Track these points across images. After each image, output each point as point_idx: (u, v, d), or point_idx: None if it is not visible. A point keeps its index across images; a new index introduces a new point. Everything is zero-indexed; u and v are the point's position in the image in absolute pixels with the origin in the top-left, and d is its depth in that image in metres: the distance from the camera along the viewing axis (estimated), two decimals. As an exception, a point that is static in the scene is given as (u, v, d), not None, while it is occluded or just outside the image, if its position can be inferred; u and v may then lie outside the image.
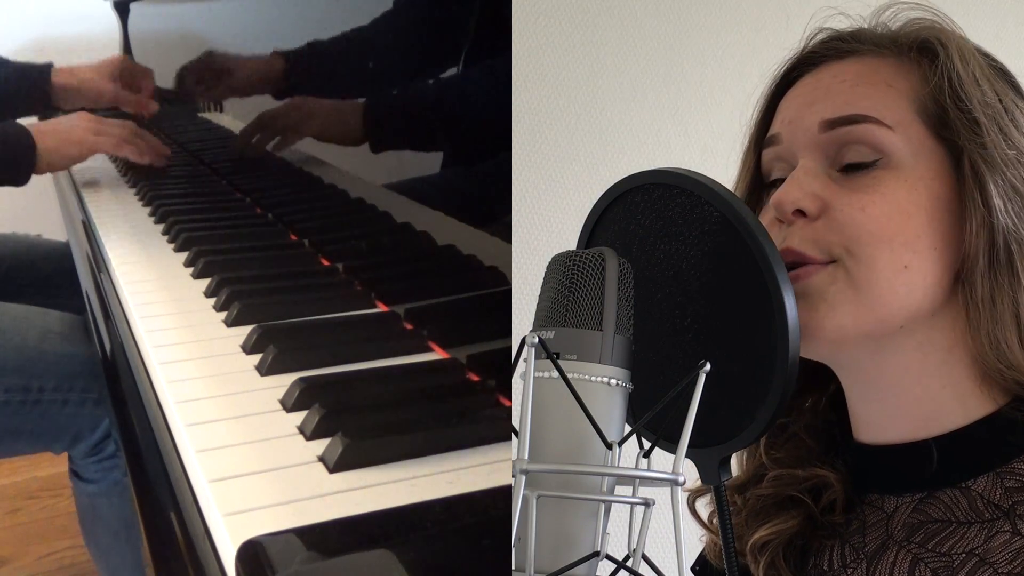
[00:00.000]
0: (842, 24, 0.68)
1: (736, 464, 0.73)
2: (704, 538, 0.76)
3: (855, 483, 0.67)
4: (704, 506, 0.73)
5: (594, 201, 0.57)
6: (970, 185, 0.59)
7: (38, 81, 1.56)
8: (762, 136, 0.68)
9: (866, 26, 0.68)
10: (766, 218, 0.64)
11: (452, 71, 0.75)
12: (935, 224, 0.60)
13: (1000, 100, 0.61)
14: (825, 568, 0.66)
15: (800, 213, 0.60)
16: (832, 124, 0.62)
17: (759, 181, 0.68)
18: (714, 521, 0.74)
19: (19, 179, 1.34)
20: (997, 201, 0.59)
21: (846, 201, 0.60)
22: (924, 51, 0.63)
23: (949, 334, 0.61)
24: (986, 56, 0.65)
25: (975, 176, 0.59)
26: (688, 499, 0.73)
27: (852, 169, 0.61)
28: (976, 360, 0.61)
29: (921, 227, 0.59)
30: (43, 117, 1.62)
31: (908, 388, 0.62)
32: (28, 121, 1.43)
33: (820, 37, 0.68)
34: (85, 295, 1.13)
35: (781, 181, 0.64)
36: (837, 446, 0.69)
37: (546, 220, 1.32)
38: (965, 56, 0.62)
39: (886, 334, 0.61)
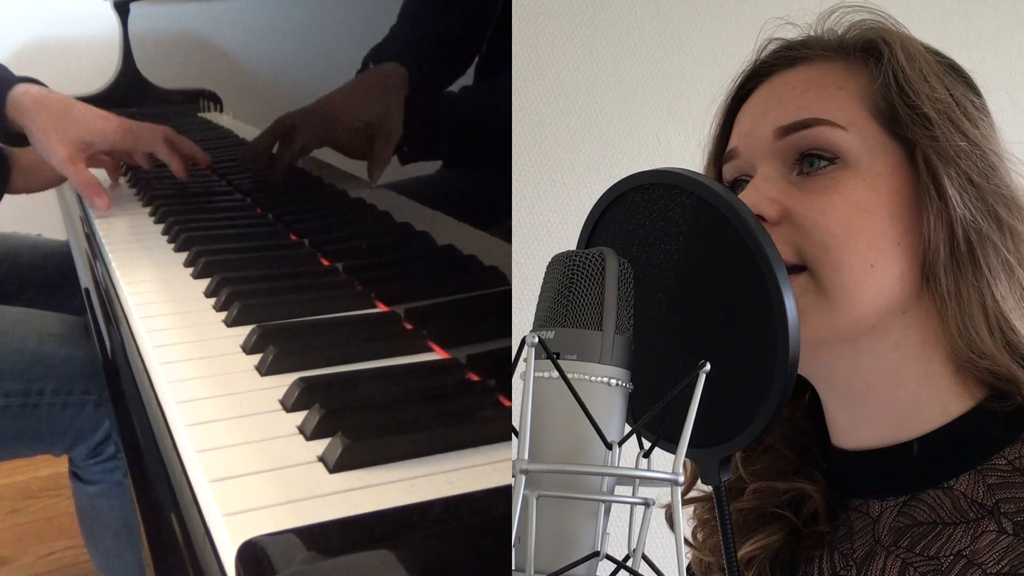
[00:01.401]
0: (791, 33, 0.69)
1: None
2: (690, 555, 0.76)
3: (838, 489, 0.67)
4: (686, 522, 0.73)
5: (594, 201, 0.57)
6: (924, 178, 0.60)
7: None
8: (721, 151, 0.69)
9: (813, 32, 0.68)
10: None
11: (462, 78, 0.75)
12: (896, 220, 0.60)
13: (951, 94, 0.62)
14: None
15: (760, 219, 0.61)
16: (786, 130, 0.62)
17: None
18: (698, 536, 0.74)
19: None
20: (952, 192, 0.59)
21: (806, 205, 0.60)
22: (870, 51, 0.64)
23: (922, 330, 0.61)
24: (935, 53, 0.66)
25: (929, 169, 0.60)
26: (666, 514, 0.73)
27: (809, 172, 0.61)
28: (949, 354, 0.61)
29: (883, 224, 0.60)
30: (16, 144, 1.35)
31: (886, 391, 0.62)
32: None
33: (771, 47, 0.69)
34: (85, 295, 1.13)
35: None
36: (813, 454, 0.69)
37: (546, 220, 1.32)
38: (911, 53, 0.63)
39: (860, 335, 0.61)
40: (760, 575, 0.67)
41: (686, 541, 0.73)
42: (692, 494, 0.73)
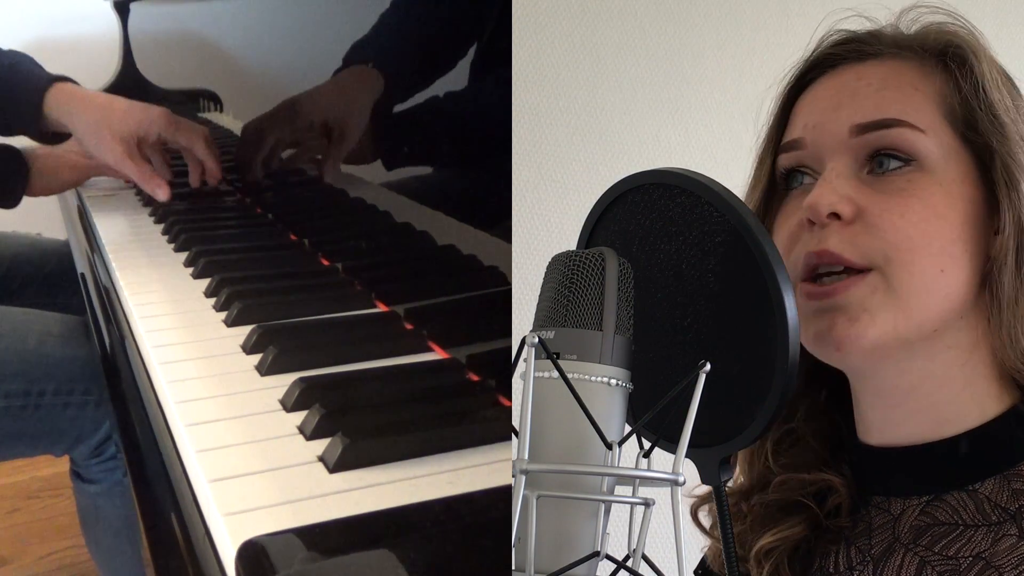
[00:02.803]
0: (856, 25, 0.68)
1: (741, 470, 0.73)
2: (705, 549, 0.76)
3: (860, 485, 0.67)
4: (706, 516, 0.73)
5: (594, 201, 0.57)
6: (1003, 186, 0.60)
7: (30, 96, 1.27)
8: (779, 140, 0.68)
9: (884, 28, 0.68)
10: (792, 221, 0.64)
11: (460, 77, 0.75)
12: (967, 226, 0.60)
13: (1016, 105, 0.62)
14: (831, 571, 0.66)
15: (835, 216, 0.60)
16: (864, 128, 0.62)
17: (774, 185, 0.68)
18: (716, 532, 0.74)
19: (9, 202, 1.31)
20: None
21: (884, 206, 0.60)
22: (952, 56, 0.63)
23: (973, 333, 0.62)
24: (997, 64, 0.66)
25: (1007, 177, 0.60)
26: (691, 507, 0.73)
27: (882, 172, 0.61)
28: (995, 358, 0.61)
29: (956, 230, 0.60)
30: (49, 141, 1.36)
31: (930, 392, 0.62)
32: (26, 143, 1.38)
33: (835, 38, 0.68)
34: (85, 295, 1.13)
35: (801, 185, 0.64)
36: (843, 447, 0.69)
37: (546, 220, 1.32)
38: (990, 64, 0.63)
39: (922, 339, 0.61)
40: (778, 567, 0.67)
41: (706, 534, 0.73)
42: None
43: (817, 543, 0.67)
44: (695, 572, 0.76)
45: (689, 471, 0.48)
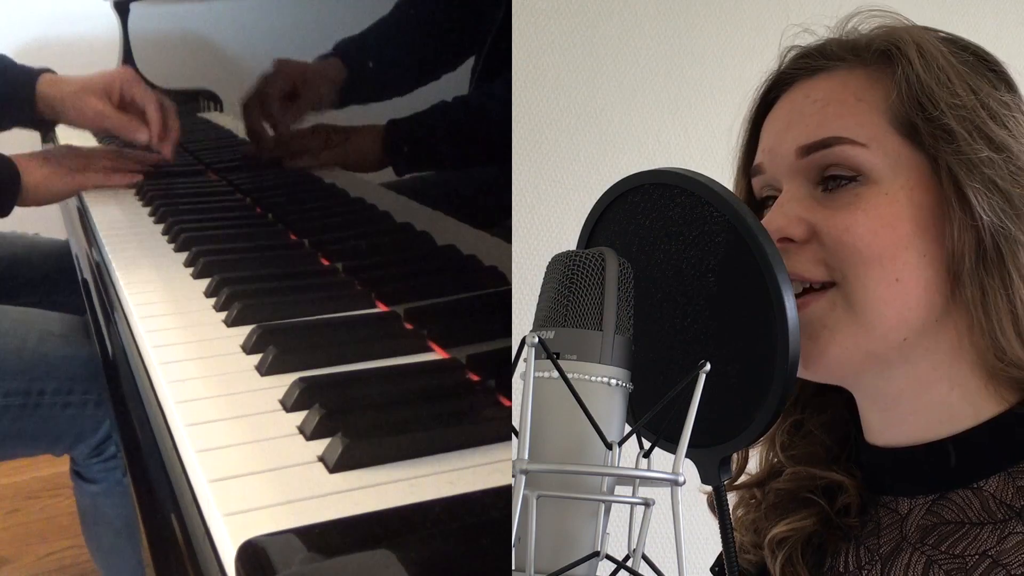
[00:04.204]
0: (806, 40, 0.68)
1: (754, 461, 0.73)
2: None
3: (869, 484, 0.67)
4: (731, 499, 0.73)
5: (594, 201, 0.57)
6: (948, 191, 0.59)
7: (21, 87, 1.41)
8: (749, 163, 0.68)
9: (831, 39, 0.67)
10: None
11: (460, 79, 0.75)
12: (921, 232, 0.60)
13: (975, 94, 0.60)
14: (841, 570, 0.66)
15: (788, 240, 0.61)
16: (808, 150, 0.62)
17: (753, 205, 0.68)
18: (738, 512, 0.74)
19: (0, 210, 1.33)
20: (977, 202, 0.58)
21: (832, 223, 0.60)
22: (886, 59, 0.62)
23: (953, 336, 0.61)
24: (961, 47, 0.64)
25: (952, 182, 0.59)
26: (708, 500, 0.73)
27: (833, 189, 0.61)
28: (979, 361, 0.61)
29: (907, 237, 0.59)
30: (43, 132, 1.52)
31: (918, 395, 0.62)
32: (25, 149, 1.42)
33: (791, 55, 0.68)
34: (85, 295, 1.13)
35: (771, 207, 0.65)
36: (852, 443, 0.69)
37: (546, 220, 1.32)
38: (928, 58, 0.61)
39: (890, 349, 0.61)
40: (791, 556, 0.67)
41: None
42: (742, 479, 0.73)
43: (828, 538, 0.67)
44: (712, 570, 0.76)
45: (689, 471, 0.48)
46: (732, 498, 0.74)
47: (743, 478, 0.74)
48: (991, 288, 0.59)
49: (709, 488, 0.53)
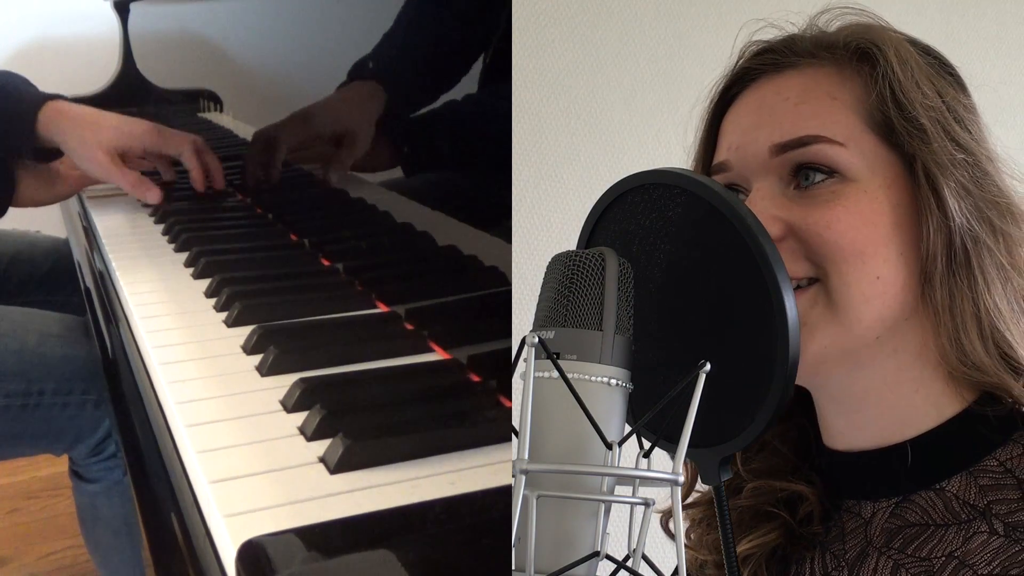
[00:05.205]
0: (770, 35, 0.67)
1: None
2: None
3: (830, 490, 0.67)
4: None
5: (594, 201, 0.57)
6: (925, 190, 0.59)
7: (24, 117, 1.26)
8: (709, 160, 0.67)
9: (800, 34, 0.66)
10: None
11: (464, 82, 0.75)
12: (898, 230, 0.60)
13: (942, 99, 0.61)
14: None
15: None
16: (783, 148, 0.61)
17: None
18: (691, 536, 0.74)
19: None
20: (951, 203, 0.58)
21: (811, 220, 0.60)
22: (863, 57, 0.62)
23: (919, 336, 0.61)
24: (923, 49, 0.64)
25: (929, 180, 0.59)
26: (661, 520, 0.73)
27: (807, 185, 0.61)
28: (942, 361, 0.61)
29: (887, 235, 0.59)
30: (40, 159, 1.34)
31: (882, 396, 0.62)
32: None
33: (752, 50, 0.67)
34: (85, 295, 1.13)
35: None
36: (811, 452, 0.69)
37: (546, 220, 1.32)
38: (904, 59, 0.61)
39: (864, 347, 0.61)
40: (756, 573, 0.67)
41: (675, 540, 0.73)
42: (692, 498, 0.73)
43: (792, 549, 0.67)
44: None
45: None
46: (684, 521, 0.73)
47: (694, 496, 0.73)
48: (958, 291, 0.59)
49: (664, 508, 0.53)
